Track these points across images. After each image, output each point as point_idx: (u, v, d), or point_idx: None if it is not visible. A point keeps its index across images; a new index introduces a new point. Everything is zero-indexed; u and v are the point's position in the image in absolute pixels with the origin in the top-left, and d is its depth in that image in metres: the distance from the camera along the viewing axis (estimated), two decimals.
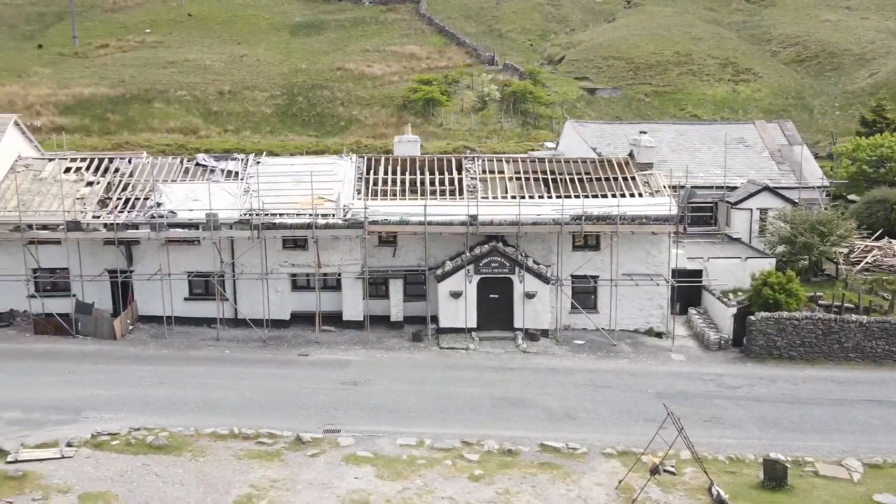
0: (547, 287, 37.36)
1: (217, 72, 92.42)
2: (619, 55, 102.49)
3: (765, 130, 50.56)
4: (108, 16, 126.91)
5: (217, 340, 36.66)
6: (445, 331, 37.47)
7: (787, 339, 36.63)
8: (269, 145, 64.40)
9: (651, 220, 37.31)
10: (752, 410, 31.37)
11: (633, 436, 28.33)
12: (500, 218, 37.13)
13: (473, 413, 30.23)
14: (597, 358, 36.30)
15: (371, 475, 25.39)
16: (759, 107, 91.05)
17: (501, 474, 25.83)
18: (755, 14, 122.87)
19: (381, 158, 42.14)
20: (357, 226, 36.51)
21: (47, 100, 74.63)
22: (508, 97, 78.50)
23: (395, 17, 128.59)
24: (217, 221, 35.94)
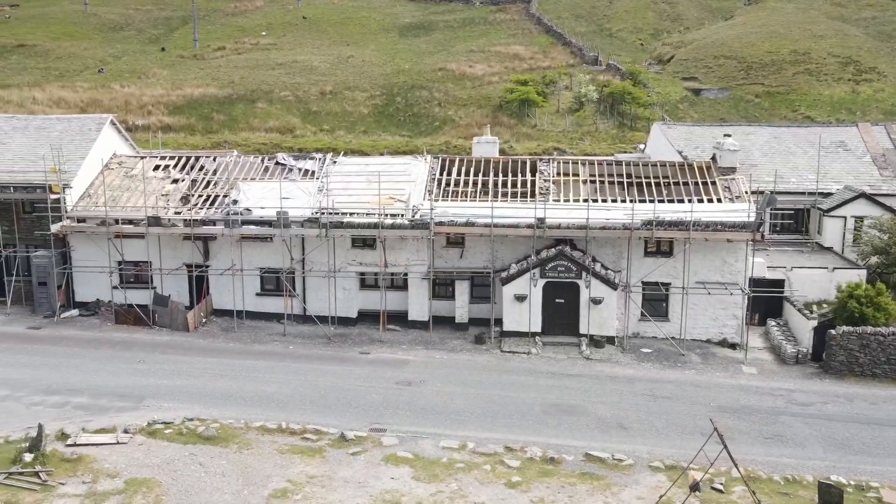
0: (614, 293, 36.49)
1: (322, 72, 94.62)
2: (731, 54, 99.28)
3: (869, 133, 47.82)
4: (229, 20, 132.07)
5: (283, 336, 37.52)
6: (509, 334, 37.14)
7: (870, 356, 34.57)
8: (361, 144, 65.48)
9: (727, 227, 35.88)
10: (820, 429, 29.74)
11: (684, 450, 27.27)
12: (568, 221, 36.52)
13: (522, 419, 29.83)
14: (662, 367, 35.20)
15: (408, 476, 25.40)
16: (881, 108, 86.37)
17: (539, 482, 25.38)
18: (887, 9, 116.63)
19: (456, 159, 42.13)
20: (423, 226, 36.64)
21: (159, 100, 78.15)
22: (606, 98, 77.09)
23: (505, 18, 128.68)
24: (287, 219, 36.74)
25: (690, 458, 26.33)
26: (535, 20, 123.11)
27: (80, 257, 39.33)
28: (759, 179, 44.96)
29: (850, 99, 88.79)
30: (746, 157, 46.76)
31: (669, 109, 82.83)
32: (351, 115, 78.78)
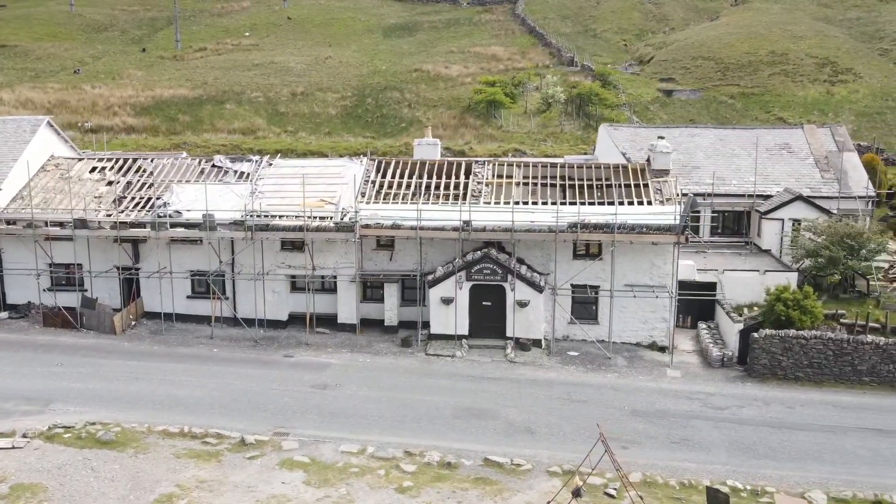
0: (540, 296, 36.39)
1: (297, 74, 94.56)
2: (710, 55, 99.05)
3: (814, 136, 47.65)
4: (214, 20, 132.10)
5: (211, 339, 37.49)
6: (436, 337, 37.06)
7: (793, 359, 34.43)
8: (321, 146, 65.43)
9: (652, 229, 35.74)
10: (729, 433, 29.62)
11: (582, 454, 27.07)
12: (494, 224, 36.39)
13: (431, 423, 29.76)
14: (585, 371, 35.09)
15: (299, 481, 25.35)
16: (854, 109, 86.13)
17: (431, 487, 25.30)
18: (873, 10, 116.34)
19: (392, 162, 42.05)
20: (347, 229, 36.55)
21: (127, 101, 78.13)
22: (574, 99, 76.90)
23: (490, 18, 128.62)
24: (213, 222, 36.68)
25: (591, 463, 26.30)
26: (519, 21, 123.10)
27: (10, 259, 39.39)
28: (701, 181, 44.91)
29: (823, 100, 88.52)
30: (690, 158, 46.71)
31: (640, 111, 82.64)
32: (318, 116, 78.71)
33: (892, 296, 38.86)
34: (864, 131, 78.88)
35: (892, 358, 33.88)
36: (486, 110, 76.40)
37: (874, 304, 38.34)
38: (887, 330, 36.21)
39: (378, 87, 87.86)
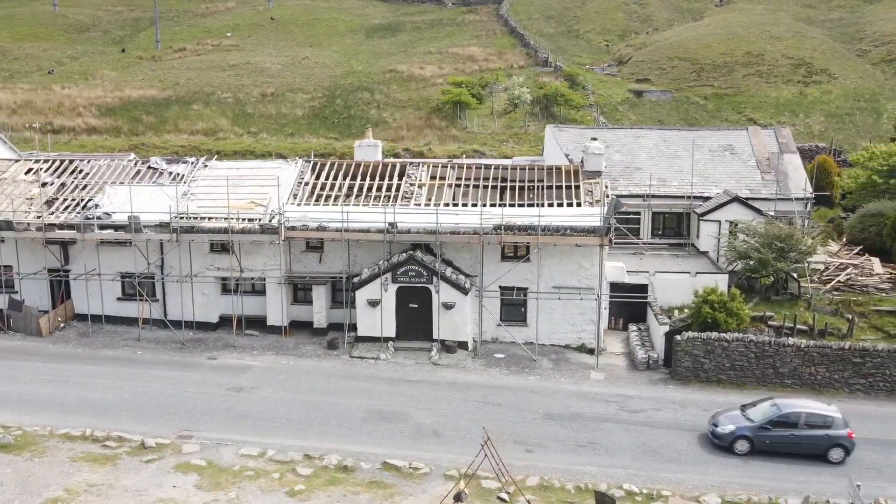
0: (466, 298, 36.31)
1: (271, 74, 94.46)
2: (686, 56, 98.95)
3: (758, 137, 47.51)
4: (198, 20, 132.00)
5: (138, 341, 37.42)
6: (364, 339, 36.99)
7: (715, 362, 34.34)
8: (280, 147, 65.35)
9: (576, 231, 35.63)
10: (639, 437, 29.55)
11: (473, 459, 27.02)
12: (419, 226, 36.30)
13: (338, 426, 29.70)
14: (508, 373, 35.01)
15: (191, 484, 25.30)
16: (825, 110, 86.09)
17: (323, 491, 25.25)
18: (856, 10, 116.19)
19: (328, 163, 41.96)
20: (272, 231, 36.48)
21: (94, 102, 78.11)
22: (541, 100, 76.79)
23: (474, 19, 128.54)
24: (139, 224, 36.62)
25: (489, 467, 26.24)
26: (502, 22, 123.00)
27: None
28: (642, 183, 44.79)
29: (796, 101, 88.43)
30: (632, 160, 46.62)
31: (609, 111, 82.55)
32: (285, 117, 78.66)
33: (823, 298, 38.72)
34: (832, 132, 78.83)
35: (814, 360, 33.80)
36: (453, 111, 76.32)
37: (805, 306, 38.20)
38: (814, 332, 36.08)
39: (349, 88, 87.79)
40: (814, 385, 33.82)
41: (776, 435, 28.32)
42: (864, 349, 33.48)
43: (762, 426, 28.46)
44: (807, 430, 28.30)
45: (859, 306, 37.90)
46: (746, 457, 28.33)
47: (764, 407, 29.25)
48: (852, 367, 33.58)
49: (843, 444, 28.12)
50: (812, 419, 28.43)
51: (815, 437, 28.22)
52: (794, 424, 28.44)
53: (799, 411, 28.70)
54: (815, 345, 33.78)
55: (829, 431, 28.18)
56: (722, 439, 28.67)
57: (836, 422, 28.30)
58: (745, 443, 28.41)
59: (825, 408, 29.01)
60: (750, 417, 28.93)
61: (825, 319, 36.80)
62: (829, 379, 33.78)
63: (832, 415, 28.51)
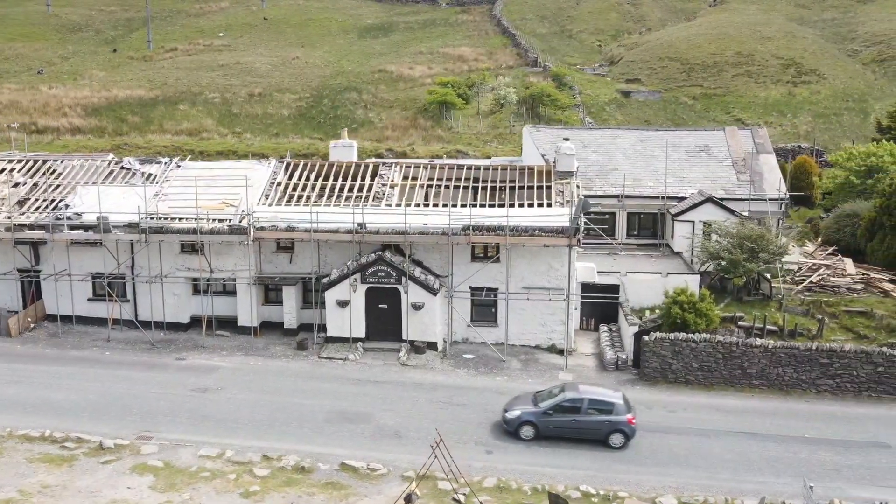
0: (435, 298, 36.24)
1: (260, 74, 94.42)
2: (676, 56, 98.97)
3: (734, 137, 47.46)
4: (191, 20, 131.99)
5: (108, 342, 37.39)
6: (333, 340, 36.94)
7: (683, 363, 34.28)
8: (262, 147, 65.32)
9: (545, 231, 35.58)
10: None
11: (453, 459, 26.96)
12: (389, 227, 36.26)
13: (300, 427, 29.67)
14: (476, 374, 34.96)
15: (145, 486, 25.28)
16: (814, 110, 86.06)
17: (278, 492, 25.22)
18: (849, 11, 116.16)
19: (301, 164, 41.92)
20: (241, 232, 36.44)
21: (80, 102, 78.09)
22: (527, 100, 76.75)
23: (467, 19, 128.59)
24: (108, 224, 36.59)
25: (457, 468, 26.26)
26: (495, 22, 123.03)
27: None
28: (618, 183, 44.75)
29: (784, 101, 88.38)
30: (609, 160, 46.58)
31: (596, 112, 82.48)
32: (271, 117, 78.63)
33: (794, 298, 38.68)
34: (818, 132, 78.77)
35: (781, 361, 33.74)
36: (438, 111, 76.29)
37: (777, 306, 38.16)
38: (784, 333, 36.09)
39: (338, 88, 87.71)
40: (781, 386, 33.77)
41: (559, 420, 28.96)
42: (831, 350, 33.42)
43: (545, 412, 29.03)
44: (588, 415, 28.88)
45: (830, 307, 37.88)
46: (710, 459, 28.25)
47: (552, 393, 29.84)
48: (820, 368, 33.51)
49: (622, 430, 28.72)
50: (594, 405, 29.00)
51: (596, 422, 28.81)
52: (576, 410, 29.02)
53: (581, 397, 29.30)
54: (783, 345, 33.73)
55: (609, 417, 28.75)
56: (509, 424, 29.30)
57: (618, 408, 28.88)
58: (530, 428, 29.03)
59: (608, 394, 29.67)
60: (537, 403, 29.34)
61: (795, 320, 36.79)
62: (796, 379, 33.72)
63: (614, 401, 29.09)
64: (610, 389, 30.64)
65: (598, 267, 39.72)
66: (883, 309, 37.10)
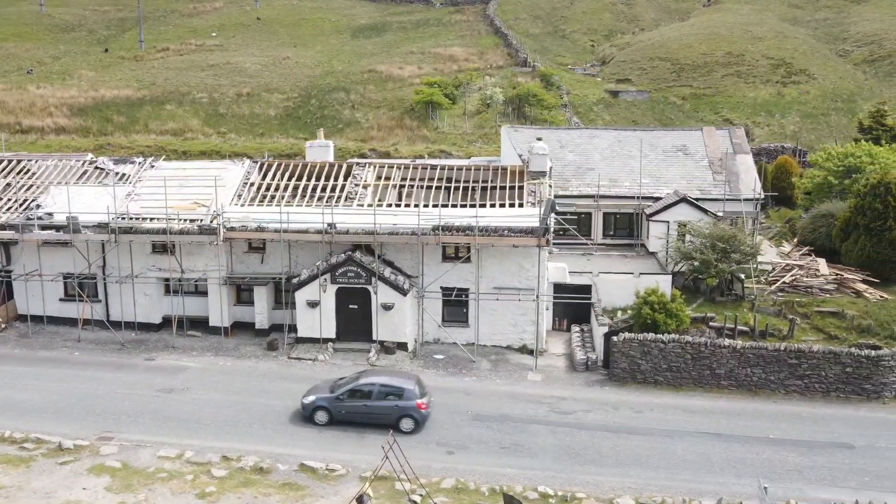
0: (405, 299, 36.17)
1: (250, 74, 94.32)
2: (667, 56, 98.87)
3: (711, 137, 47.38)
4: (184, 20, 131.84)
5: (78, 342, 37.33)
6: (304, 340, 36.87)
7: (652, 363, 34.20)
8: (245, 147, 65.28)
9: (514, 232, 35.51)
10: (564, 439, 29.42)
11: (409, 460, 26.83)
12: (358, 227, 36.20)
13: (263, 427, 29.62)
14: (444, 375, 34.89)
15: (101, 487, 25.21)
16: (802, 110, 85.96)
17: (234, 493, 25.16)
18: (842, 11, 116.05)
19: (274, 164, 41.87)
20: (210, 232, 36.38)
21: (66, 102, 78.03)
22: (513, 100, 76.67)
23: (461, 19, 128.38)
24: (77, 224, 36.54)
25: (416, 468, 26.16)
26: (488, 22, 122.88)
27: None
28: (594, 183, 44.68)
29: (773, 101, 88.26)
30: (586, 160, 46.52)
31: (583, 112, 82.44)
32: (257, 117, 78.58)
33: (767, 299, 38.59)
34: (806, 132, 78.75)
35: (750, 362, 33.66)
36: (425, 111, 76.22)
37: (749, 307, 38.07)
38: (756, 333, 36.00)
39: (326, 88, 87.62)
40: (750, 386, 33.70)
41: (350, 405, 29.47)
42: (799, 350, 33.34)
43: (338, 397, 29.55)
44: (379, 400, 29.38)
45: (803, 307, 37.76)
46: (672, 459, 28.17)
47: (350, 379, 30.38)
48: (788, 369, 33.44)
49: (412, 415, 29.31)
50: (385, 390, 29.51)
51: (386, 407, 29.33)
52: (367, 395, 29.53)
53: (373, 382, 29.83)
54: (751, 346, 33.65)
55: (399, 402, 29.31)
56: (305, 409, 29.85)
57: (408, 393, 29.39)
58: (323, 413, 29.59)
59: (400, 380, 30.19)
60: (334, 390, 29.86)
61: (767, 321, 36.70)
62: (765, 380, 33.66)
63: (404, 386, 29.61)
64: (405, 376, 31.17)
65: (573, 267, 39.72)
66: (854, 309, 36.99)
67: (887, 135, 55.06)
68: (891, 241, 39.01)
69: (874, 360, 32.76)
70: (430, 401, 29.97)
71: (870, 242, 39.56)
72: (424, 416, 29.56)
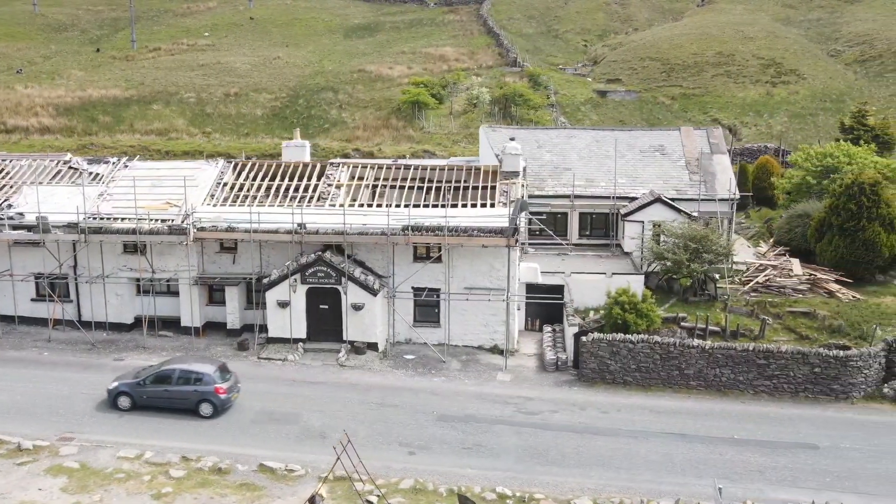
0: (375, 299, 36.10)
1: (239, 74, 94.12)
2: (658, 56, 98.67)
3: (689, 137, 47.30)
4: (178, 20, 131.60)
5: (48, 342, 37.27)
6: (275, 340, 36.81)
7: (621, 363, 34.12)
8: (229, 147, 65.19)
9: (484, 232, 35.44)
10: (527, 439, 29.35)
11: (367, 460, 26.79)
12: (328, 227, 36.13)
13: (226, 428, 29.58)
14: (413, 375, 34.83)
15: (57, 487, 25.16)
16: (791, 110, 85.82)
17: (190, 493, 25.10)
18: (835, 11, 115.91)
19: (249, 164, 41.81)
20: (180, 232, 36.31)
21: (53, 101, 77.94)
22: (500, 100, 76.58)
23: (454, 19, 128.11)
24: (48, 224, 36.48)
25: (373, 468, 26.20)
26: (481, 21, 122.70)
27: None
28: (571, 183, 44.61)
29: (762, 101, 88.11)
30: (563, 160, 46.46)
31: (570, 112, 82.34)
32: (244, 117, 78.48)
33: (740, 299, 38.53)
34: (793, 132, 78.69)
35: (719, 362, 33.59)
36: (411, 111, 76.12)
37: (722, 307, 38.01)
38: (727, 333, 35.95)
39: (315, 88, 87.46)
40: (719, 387, 33.65)
41: (152, 390, 30.20)
42: (768, 351, 33.27)
43: (139, 382, 30.33)
44: (178, 385, 30.13)
45: (775, 307, 37.73)
46: (634, 460, 28.10)
47: (157, 366, 31.29)
48: (757, 369, 33.38)
49: (210, 400, 29.99)
50: (184, 375, 30.28)
51: (185, 392, 30.10)
52: (167, 380, 30.28)
53: (174, 367, 30.64)
54: (720, 346, 33.58)
55: (198, 387, 30.07)
56: (109, 395, 30.49)
57: (206, 378, 30.17)
58: (126, 398, 30.27)
59: (200, 366, 30.85)
60: (139, 375, 30.64)
61: (738, 321, 36.65)
62: (734, 380, 33.60)
63: (203, 371, 30.35)
64: (208, 362, 31.85)
65: (548, 267, 39.70)
66: (826, 309, 36.92)
67: (868, 135, 54.92)
68: (864, 241, 38.95)
69: (842, 360, 32.67)
70: (233, 386, 30.71)
71: (843, 243, 39.48)
72: (223, 401, 30.19)
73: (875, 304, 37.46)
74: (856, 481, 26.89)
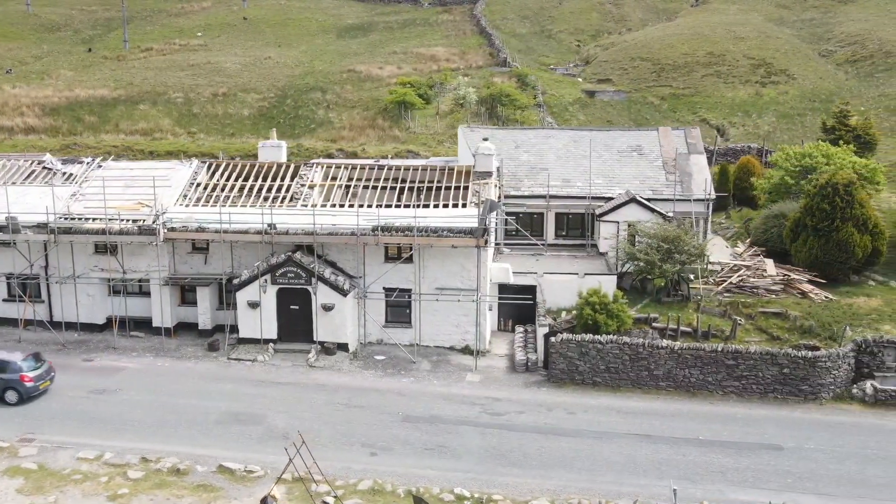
0: (346, 299, 36.02)
1: (229, 74, 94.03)
2: (648, 56, 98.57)
3: (667, 138, 47.21)
4: (171, 20, 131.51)
5: (18, 342, 37.12)
6: (246, 341, 36.74)
7: (590, 364, 34.03)
8: (213, 147, 65.13)
9: (454, 233, 35.36)
10: (490, 440, 29.26)
11: (328, 461, 26.79)
12: (298, 227, 36.06)
13: (188, 429, 29.49)
14: (382, 376, 34.75)
15: (13, 489, 25.12)
16: (779, 110, 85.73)
17: (146, 494, 25.05)
18: (828, 11, 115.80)
19: (223, 164, 41.76)
20: (150, 232, 36.25)
21: (39, 101, 77.91)
22: (487, 100, 76.48)
23: (448, 19, 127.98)
24: (17, 224, 36.42)
25: (331, 469, 26.19)
26: (475, 22, 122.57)
27: None
28: (547, 184, 44.52)
29: (751, 101, 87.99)
30: (540, 160, 46.37)
31: (558, 112, 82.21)
32: (231, 117, 78.40)
33: (712, 300, 38.44)
34: (780, 132, 78.58)
35: (688, 363, 33.48)
36: (398, 111, 76.03)
37: (695, 307, 37.93)
38: (698, 334, 35.88)
39: (303, 88, 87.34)
40: (688, 388, 33.53)
41: None
42: (736, 351, 33.17)
43: None
44: None
45: (748, 308, 37.65)
46: (597, 461, 28.01)
47: None
48: (725, 370, 33.26)
49: (15, 388, 30.45)
50: None
51: None
52: None
53: None
54: (689, 347, 33.47)
55: (3, 375, 30.43)
56: None
57: (12, 366, 30.51)
58: None
59: (7, 354, 31.08)
60: None
61: (710, 321, 36.58)
62: (703, 381, 33.49)
63: (9, 359, 30.65)
64: (18, 350, 32.08)
65: (522, 268, 39.64)
66: (798, 310, 36.85)
67: (849, 135, 54.81)
68: (837, 241, 38.87)
69: (811, 361, 32.57)
70: (43, 375, 31.09)
71: (818, 243, 39.41)
72: (29, 389, 30.57)
73: (847, 305, 37.38)
74: (817, 482, 26.80)
